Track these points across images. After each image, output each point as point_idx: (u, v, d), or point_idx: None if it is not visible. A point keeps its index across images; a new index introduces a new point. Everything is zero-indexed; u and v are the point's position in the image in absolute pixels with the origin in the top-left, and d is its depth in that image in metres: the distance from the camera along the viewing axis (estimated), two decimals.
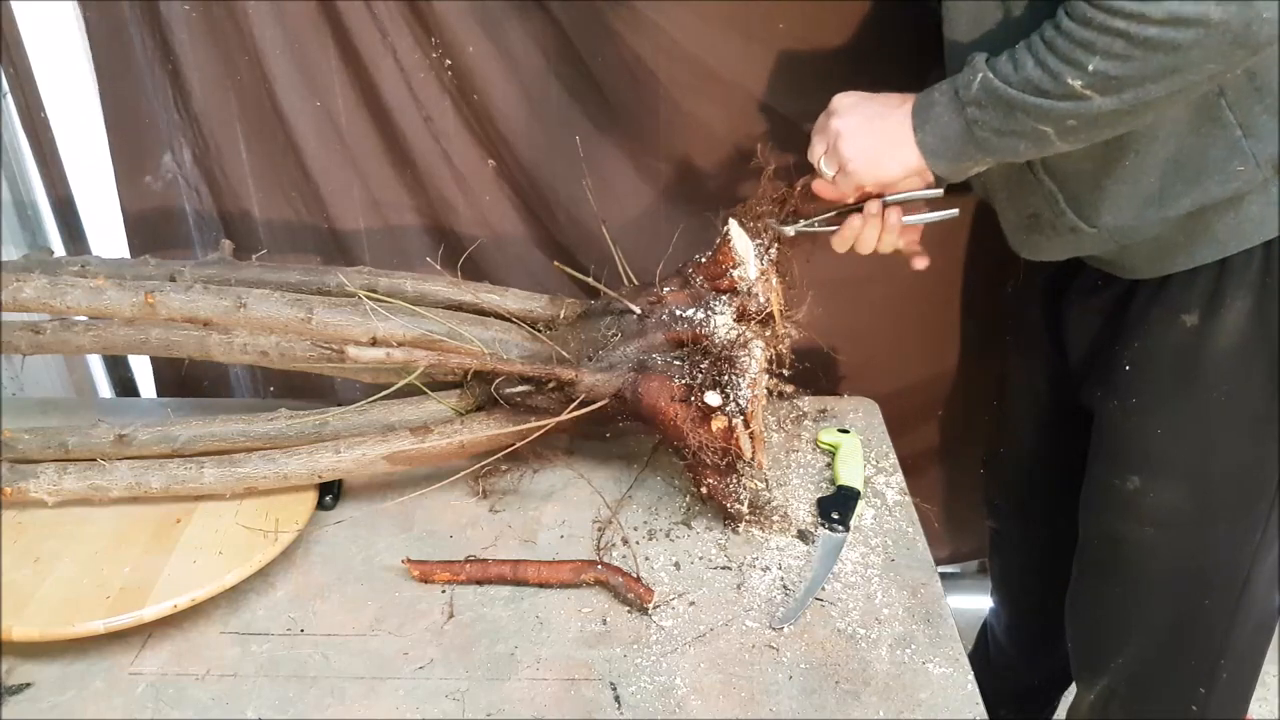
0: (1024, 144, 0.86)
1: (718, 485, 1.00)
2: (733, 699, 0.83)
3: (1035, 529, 1.29)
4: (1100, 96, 0.79)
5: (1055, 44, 0.80)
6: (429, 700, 0.84)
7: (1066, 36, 0.79)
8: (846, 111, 0.95)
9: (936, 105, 0.89)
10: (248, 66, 1.30)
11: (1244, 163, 0.87)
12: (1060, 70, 0.79)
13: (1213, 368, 0.95)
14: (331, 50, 1.29)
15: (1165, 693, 1.12)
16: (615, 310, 1.05)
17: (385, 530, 1.04)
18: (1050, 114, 0.82)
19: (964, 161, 0.91)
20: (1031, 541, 1.31)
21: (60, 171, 1.41)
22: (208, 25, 1.28)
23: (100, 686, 0.85)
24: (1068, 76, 0.79)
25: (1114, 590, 1.10)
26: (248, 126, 1.35)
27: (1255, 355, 0.94)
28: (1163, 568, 1.05)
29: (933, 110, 0.90)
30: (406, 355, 0.94)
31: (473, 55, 1.28)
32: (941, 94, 0.89)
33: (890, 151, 0.93)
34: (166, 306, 0.96)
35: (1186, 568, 1.04)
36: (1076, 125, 0.82)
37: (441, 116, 1.33)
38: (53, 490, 0.98)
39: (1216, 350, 0.94)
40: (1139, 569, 1.06)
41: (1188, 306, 0.95)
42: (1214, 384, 0.96)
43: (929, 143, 0.90)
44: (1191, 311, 0.95)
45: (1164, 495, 1.01)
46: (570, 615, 0.93)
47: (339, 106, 1.33)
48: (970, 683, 0.85)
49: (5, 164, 1.42)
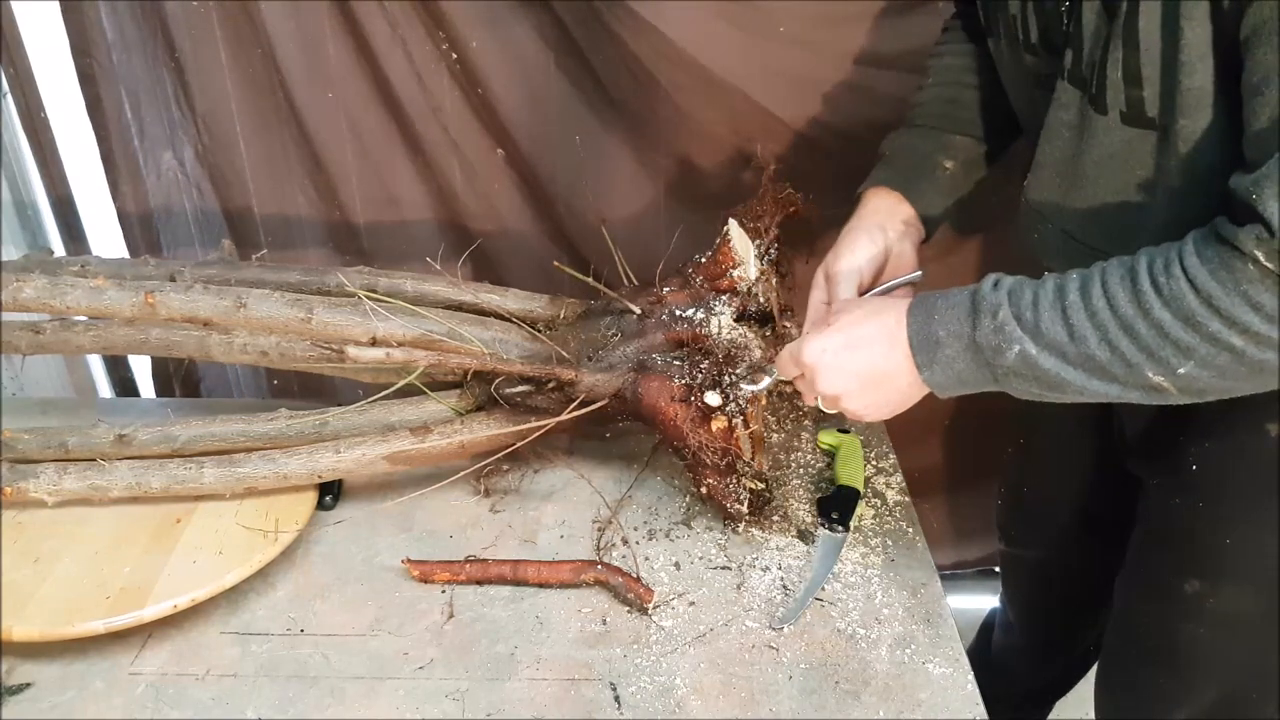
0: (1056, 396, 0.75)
1: (718, 485, 1.00)
2: (733, 699, 0.83)
3: (1053, 559, 1.26)
4: (1177, 393, 0.69)
5: (1137, 331, 0.67)
6: (429, 700, 0.84)
7: (1158, 329, 0.66)
8: (830, 371, 0.82)
9: (944, 347, 0.76)
10: (260, 61, 1.30)
11: None
12: (1141, 363, 0.68)
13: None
14: (343, 43, 1.30)
15: None
16: (615, 310, 1.05)
17: (385, 530, 1.04)
18: (1101, 394, 0.71)
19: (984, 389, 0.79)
20: (1047, 568, 1.28)
21: (60, 171, 1.42)
22: (217, 22, 1.28)
23: (100, 686, 0.85)
24: (1149, 371, 0.68)
25: (1156, 679, 1.03)
26: (252, 122, 1.35)
27: None
28: (1214, 667, 0.98)
29: (940, 352, 0.76)
30: (406, 355, 0.94)
31: (477, 50, 1.28)
32: (951, 335, 0.75)
33: (899, 398, 0.82)
34: (166, 306, 0.96)
35: (1240, 666, 0.97)
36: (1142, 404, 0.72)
37: (451, 107, 1.33)
38: (53, 490, 0.98)
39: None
40: (1188, 665, 1.00)
41: (1272, 415, 0.84)
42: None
43: (942, 382, 0.78)
44: (1275, 421, 0.84)
45: (1228, 602, 0.93)
46: (570, 615, 0.93)
47: (351, 98, 1.34)
48: (970, 683, 0.85)
49: (5, 164, 1.42)
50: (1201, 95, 0.69)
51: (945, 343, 0.76)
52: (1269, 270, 0.61)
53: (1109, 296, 0.69)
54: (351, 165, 1.38)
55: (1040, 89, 0.85)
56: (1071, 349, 0.70)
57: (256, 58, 1.30)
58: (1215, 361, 0.66)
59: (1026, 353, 0.71)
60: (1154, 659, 1.02)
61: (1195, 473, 0.92)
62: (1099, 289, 0.69)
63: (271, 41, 1.29)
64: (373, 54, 1.30)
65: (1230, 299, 0.63)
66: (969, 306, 0.74)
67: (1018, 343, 0.72)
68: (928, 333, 0.77)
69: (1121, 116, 0.75)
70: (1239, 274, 0.63)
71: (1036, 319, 0.71)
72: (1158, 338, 0.67)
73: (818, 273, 0.97)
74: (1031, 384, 0.74)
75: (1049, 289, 0.72)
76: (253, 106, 1.34)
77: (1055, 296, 0.71)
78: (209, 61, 1.30)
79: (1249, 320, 0.63)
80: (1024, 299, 0.72)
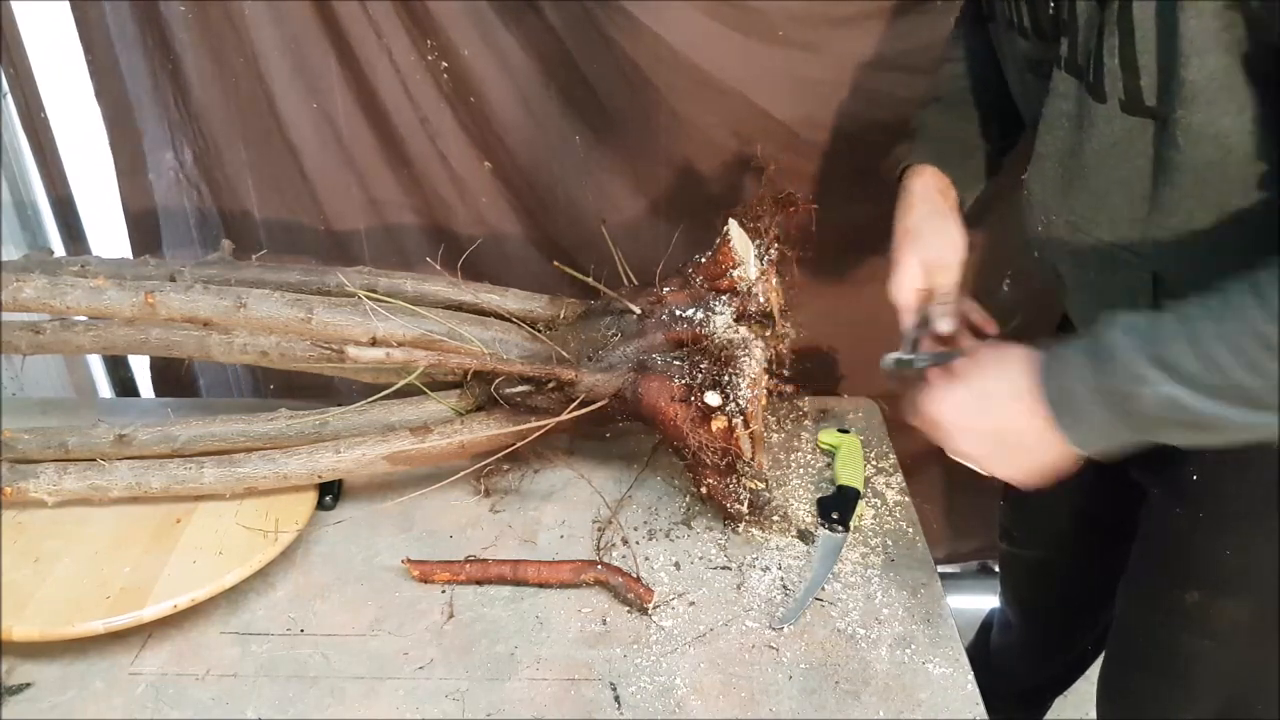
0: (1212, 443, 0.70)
1: (718, 485, 1.00)
2: (733, 699, 0.83)
3: (1053, 560, 1.25)
4: None
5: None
6: (429, 700, 0.84)
7: None
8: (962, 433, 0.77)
9: (1082, 404, 0.69)
10: (244, 67, 1.30)
11: None
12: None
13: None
14: (328, 51, 1.30)
15: None
16: (615, 310, 1.05)
17: (385, 530, 1.04)
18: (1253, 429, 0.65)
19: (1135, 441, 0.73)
20: (1047, 569, 1.28)
21: (60, 171, 1.42)
22: (206, 25, 1.28)
23: (100, 686, 0.85)
24: None
25: (1157, 687, 1.03)
26: (247, 126, 1.35)
27: None
28: (1215, 677, 0.98)
29: (1080, 410, 0.70)
30: (406, 355, 0.94)
31: (468, 58, 1.28)
32: (1086, 387, 0.69)
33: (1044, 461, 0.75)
34: (166, 306, 0.96)
35: (1240, 679, 0.97)
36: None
37: (438, 117, 1.33)
38: (53, 490, 0.98)
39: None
40: (1188, 675, 0.99)
41: None
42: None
43: (1085, 439, 0.72)
44: None
45: (1228, 613, 0.93)
46: (570, 615, 0.93)
47: (337, 107, 1.34)
48: (970, 683, 0.85)
49: (5, 164, 1.42)
50: (1200, 88, 0.67)
51: (1079, 395, 0.69)
52: None
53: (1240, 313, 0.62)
54: (337, 172, 1.37)
55: (1037, 76, 0.83)
56: (1212, 379, 0.63)
57: (240, 64, 1.30)
58: None
59: (1159, 392, 0.64)
60: (1154, 668, 1.02)
61: (1196, 484, 0.90)
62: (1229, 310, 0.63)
63: (255, 47, 1.28)
64: (358, 62, 1.29)
65: None
66: (1090, 351, 0.69)
67: (1149, 384, 0.65)
68: (1066, 393, 0.70)
69: (1120, 105, 0.73)
70: None
71: (1167, 353, 0.64)
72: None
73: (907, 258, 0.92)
74: (1181, 429, 0.67)
75: (1168, 318, 0.66)
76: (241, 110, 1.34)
77: (1179, 324, 0.65)
78: (199, 64, 1.30)
79: None
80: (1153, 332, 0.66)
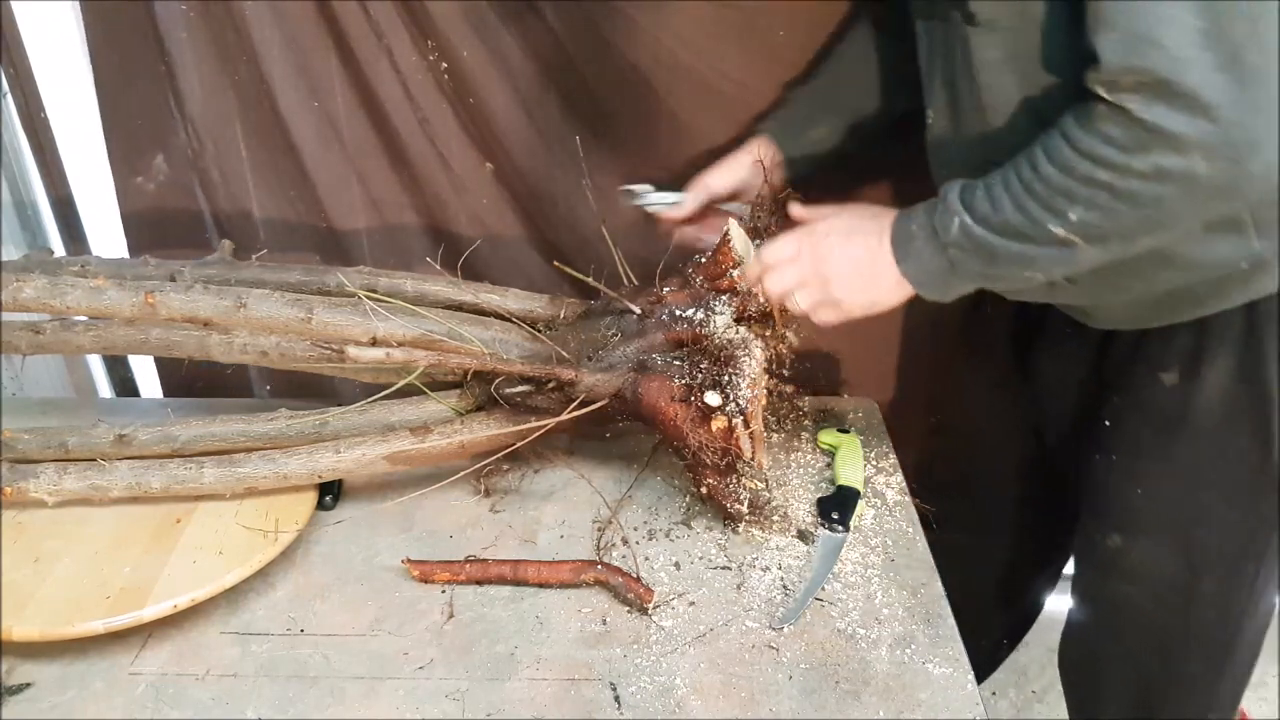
0: (1014, 283, 0.84)
1: (718, 485, 1.00)
2: (733, 699, 0.83)
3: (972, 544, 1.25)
4: (1085, 245, 0.76)
5: (1034, 188, 0.76)
6: (429, 700, 0.84)
7: (1046, 183, 0.75)
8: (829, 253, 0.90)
9: (916, 239, 0.85)
10: (246, 67, 1.30)
11: (1250, 261, 0.83)
12: (1041, 217, 0.76)
13: (1195, 429, 0.92)
14: (330, 51, 1.30)
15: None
16: (615, 310, 1.05)
17: (385, 530, 1.04)
18: (1035, 261, 0.79)
19: (955, 291, 0.87)
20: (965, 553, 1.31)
21: (60, 171, 1.41)
22: (205, 26, 1.28)
23: (100, 686, 0.85)
24: (1049, 224, 0.76)
25: (1101, 644, 1.09)
26: (245, 127, 1.35)
27: (1239, 416, 0.91)
28: (1147, 625, 1.03)
29: (913, 244, 0.85)
30: (406, 355, 0.94)
31: (468, 59, 1.28)
32: (920, 227, 0.85)
33: (883, 289, 0.88)
34: (166, 306, 0.96)
35: (1171, 626, 1.02)
36: (1064, 269, 0.80)
37: (438, 118, 1.33)
38: (53, 490, 0.98)
39: (1199, 411, 0.91)
40: (1124, 626, 1.05)
41: (1167, 365, 0.92)
42: (1197, 445, 0.93)
43: (916, 276, 0.87)
44: (1171, 370, 0.92)
45: (1145, 554, 0.99)
46: (570, 615, 0.93)
47: (337, 107, 1.33)
48: (970, 683, 0.85)
49: (5, 164, 1.42)
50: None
51: (916, 235, 0.85)
52: (1112, 104, 0.70)
53: (1016, 168, 0.78)
54: (338, 172, 1.37)
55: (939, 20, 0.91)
56: (993, 217, 0.79)
57: (241, 64, 1.30)
58: (1097, 201, 0.73)
59: (964, 223, 0.80)
60: (1091, 617, 1.08)
61: (1108, 429, 0.99)
62: (1012, 168, 0.78)
63: (256, 47, 1.28)
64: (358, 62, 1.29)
65: (1089, 138, 0.72)
66: (933, 201, 0.85)
67: (958, 215, 0.81)
68: (905, 229, 0.86)
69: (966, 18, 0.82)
70: (1092, 114, 0.72)
71: (969, 197, 0.81)
72: (1049, 191, 0.75)
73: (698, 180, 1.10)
74: (971, 257, 0.82)
75: (986, 176, 0.81)
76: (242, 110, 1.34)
77: (985, 180, 0.81)
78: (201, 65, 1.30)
79: (1106, 153, 0.71)
80: (970, 185, 0.82)
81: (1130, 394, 0.96)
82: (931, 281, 0.86)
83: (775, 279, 0.93)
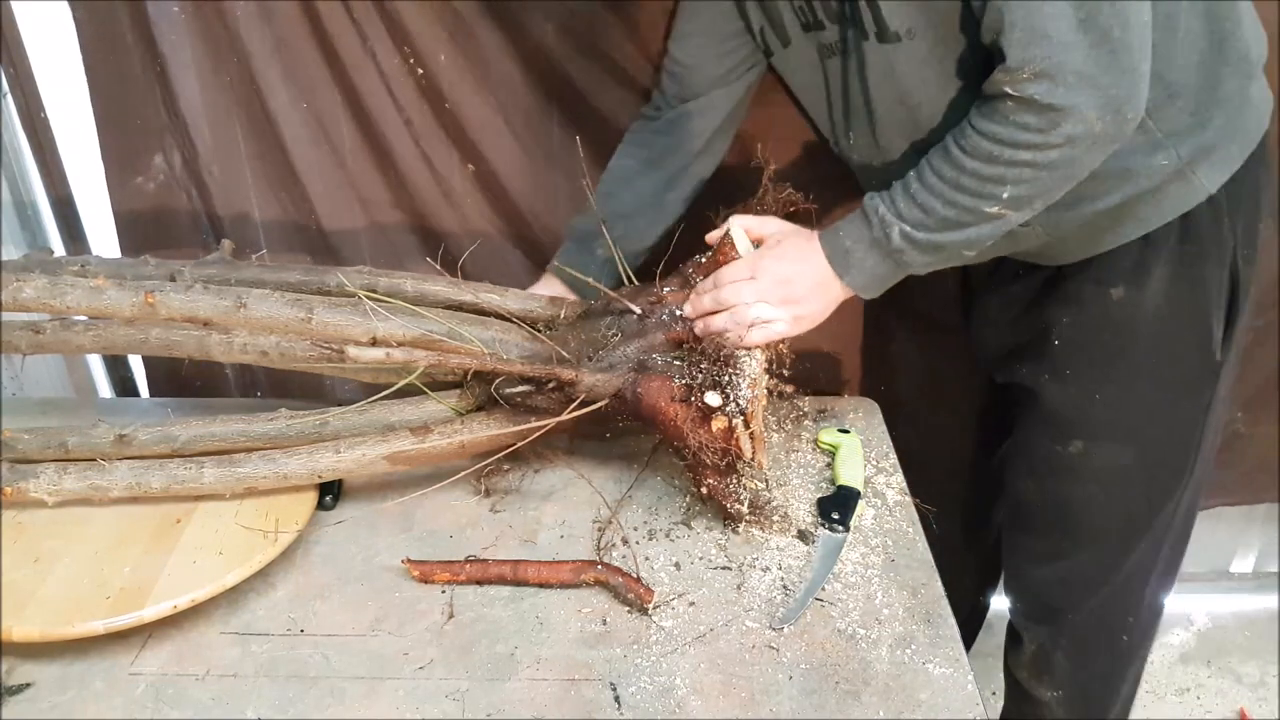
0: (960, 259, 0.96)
1: (718, 485, 1.00)
2: (733, 699, 0.83)
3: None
4: (1014, 212, 0.89)
5: (962, 183, 0.88)
6: (429, 700, 0.84)
7: (974, 176, 0.87)
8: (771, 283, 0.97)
9: (853, 253, 0.96)
10: (236, 68, 1.30)
11: (1167, 158, 0.95)
12: (976, 205, 0.89)
13: (1142, 335, 1.04)
14: (316, 53, 1.30)
15: (1105, 640, 1.22)
16: (615, 310, 1.05)
17: (385, 530, 1.04)
18: (976, 240, 0.92)
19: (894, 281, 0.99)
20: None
21: (60, 171, 1.41)
22: (196, 26, 1.28)
23: (100, 686, 0.85)
24: (985, 207, 0.88)
25: (1058, 547, 1.18)
26: (239, 128, 1.35)
27: (1179, 319, 1.03)
28: (1105, 520, 1.14)
29: (851, 258, 0.96)
30: (406, 355, 0.94)
31: (453, 60, 1.29)
32: (855, 241, 0.95)
33: (831, 298, 0.99)
34: (166, 306, 0.96)
35: (1126, 517, 1.13)
36: (1001, 234, 0.92)
37: (421, 120, 1.33)
38: (53, 490, 0.98)
39: (1144, 319, 1.04)
40: (1083, 525, 1.15)
41: (1114, 281, 1.03)
42: (1144, 349, 1.05)
43: (862, 283, 0.97)
44: (1117, 285, 1.03)
45: (1106, 455, 1.10)
46: (570, 615, 0.93)
47: (325, 109, 1.34)
48: (970, 683, 0.85)
49: (5, 164, 1.42)
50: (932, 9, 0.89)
51: (853, 250, 0.96)
52: (1018, 98, 0.83)
53: (935, 171, 0.90)
54: (330, 174, 1.37)
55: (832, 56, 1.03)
56: (929, 219, 0.91)
57: (233, 65, 1.30)
58: (1024, 178, 0.86)
59: (904, 230, 0.92)
60: (1049, 523, 1.18)
61: (1058, 347, 1.10)
62: (929, 170, 0.91)
63: (247, 50, 1.28)
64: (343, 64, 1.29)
65: (1007, 130, 0.84)
66: (861, 217, 0.96)
67: (895, 225, 0.92)
68: (837, 246, 0.96)
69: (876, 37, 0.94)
70: (1004, 109, 0.84)
71: (898, 207, 0.92)
72: (978, 181, 0.87)
73: None
74: (919, 253, 0.93)
75: (901, 183, 0.93)
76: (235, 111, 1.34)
77: (903, 187, 0.93)
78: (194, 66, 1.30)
79: (1027, 138, 0.84)
80: (892, 196, 0.94)
81: (1081, 313, 1.07)
82: (878, 284, 0.98)
83: (732, 293, 0.97)
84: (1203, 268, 1.01)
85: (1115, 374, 1.07)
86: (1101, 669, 1.24)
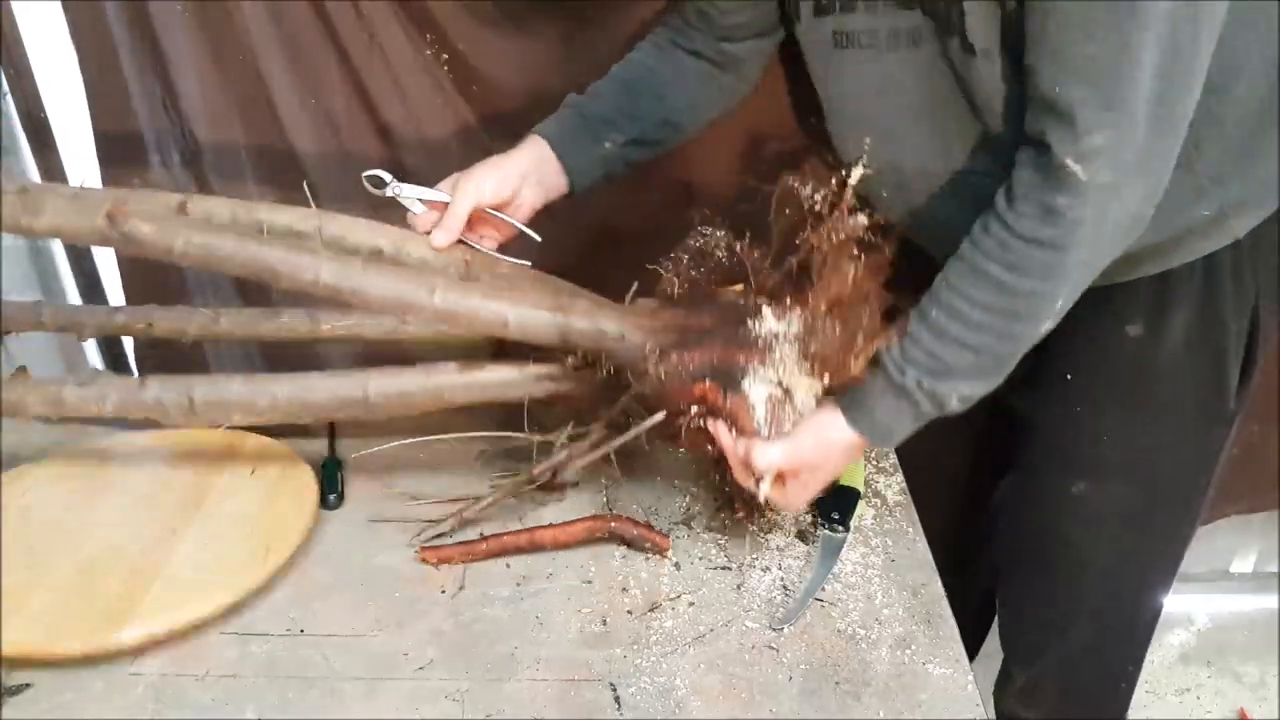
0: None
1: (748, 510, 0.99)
2: (733, 700, 0.83)
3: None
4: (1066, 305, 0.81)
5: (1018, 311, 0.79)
6: (429, 701, 0.84)
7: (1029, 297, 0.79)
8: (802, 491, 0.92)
9: (897, 432, 0.88)
10: (241, 66, 1.30)
11: (1209, 207, 0.88)
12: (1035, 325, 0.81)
13: (1158, 374, 0.98)
14: (326, 48, 1.30)
15: (1096, 676, 1.17)
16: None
17: (386, 530, 1.04)
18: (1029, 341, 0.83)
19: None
20: None
21: (60, 171, 1.41)
22: (200, 24, 1.28)
23: (100, 687, 0.85)
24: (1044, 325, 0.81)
25: (1052, 585, 1.13)
26: (241, 127, 1.35)
27: (1198, 364, 0.97)
28: (1104, 563, 1.09)
29: (895, 435, 0.88)
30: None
31: (465, 55, 1.28)
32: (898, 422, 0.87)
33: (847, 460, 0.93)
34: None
35: (1126, 561, 1.09)
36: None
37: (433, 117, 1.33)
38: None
39: (1161, 360, 0.97)
40: (1080, 566, 1.10)
41: (1131, 318, 0.96)
42: (1159, 392, 0.99)
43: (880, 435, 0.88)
44: (1135, 322, 0.96)
45: (1109, 498, 1.04)
46: (570, 615, 0.93)
47: (335, 105, 1.33)
48: (970, 683, 0.85)
49: (5, 164, 1.42)
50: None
51: (897, 428, 0.87)
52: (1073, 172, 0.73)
53: (971, 300, 0.79)
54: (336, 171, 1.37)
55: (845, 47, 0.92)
56: (984, 361, 0.81)
57: (238, 63, 1.30)
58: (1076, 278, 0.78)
59: (961, 393, 0.82)
60: (1045, 563, 1.13)
61: (1070, 382, 1.02)
62: (962, 301, 0.79)
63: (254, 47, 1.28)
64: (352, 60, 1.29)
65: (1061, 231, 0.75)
66: (894, 395, 0.84)
67: (952, 392, 0.82)
68: (877, 427, 0.87)
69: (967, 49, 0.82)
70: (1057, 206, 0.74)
71: (944, 364, 0.81)
72: (1033, 303, 0.78)
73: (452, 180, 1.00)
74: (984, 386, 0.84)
75: (925, 332, 0.81)
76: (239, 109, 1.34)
77: (936, 335, 0.81)
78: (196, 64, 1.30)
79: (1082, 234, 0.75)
80: (922, 355, 0.82)
81: (1094, 347, 1.00)
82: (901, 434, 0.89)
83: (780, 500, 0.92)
84: (1223, 312, 0.95)
85: (1126, 416, 1.01)
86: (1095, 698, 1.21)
